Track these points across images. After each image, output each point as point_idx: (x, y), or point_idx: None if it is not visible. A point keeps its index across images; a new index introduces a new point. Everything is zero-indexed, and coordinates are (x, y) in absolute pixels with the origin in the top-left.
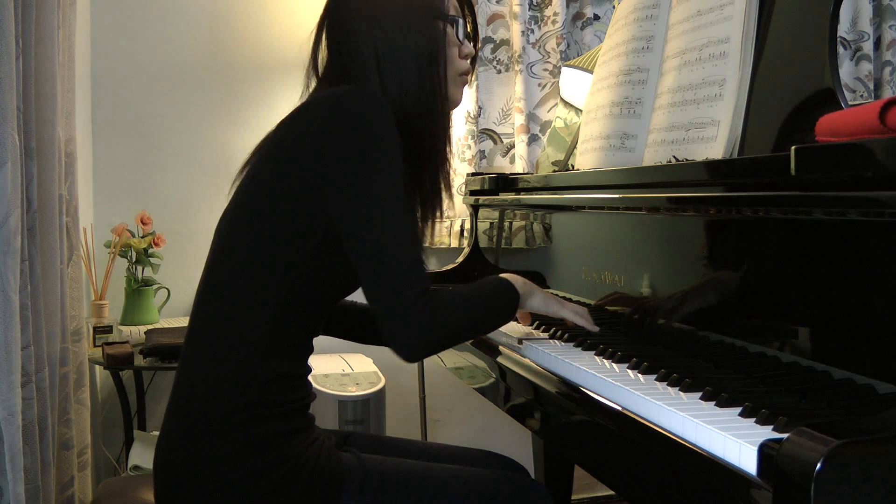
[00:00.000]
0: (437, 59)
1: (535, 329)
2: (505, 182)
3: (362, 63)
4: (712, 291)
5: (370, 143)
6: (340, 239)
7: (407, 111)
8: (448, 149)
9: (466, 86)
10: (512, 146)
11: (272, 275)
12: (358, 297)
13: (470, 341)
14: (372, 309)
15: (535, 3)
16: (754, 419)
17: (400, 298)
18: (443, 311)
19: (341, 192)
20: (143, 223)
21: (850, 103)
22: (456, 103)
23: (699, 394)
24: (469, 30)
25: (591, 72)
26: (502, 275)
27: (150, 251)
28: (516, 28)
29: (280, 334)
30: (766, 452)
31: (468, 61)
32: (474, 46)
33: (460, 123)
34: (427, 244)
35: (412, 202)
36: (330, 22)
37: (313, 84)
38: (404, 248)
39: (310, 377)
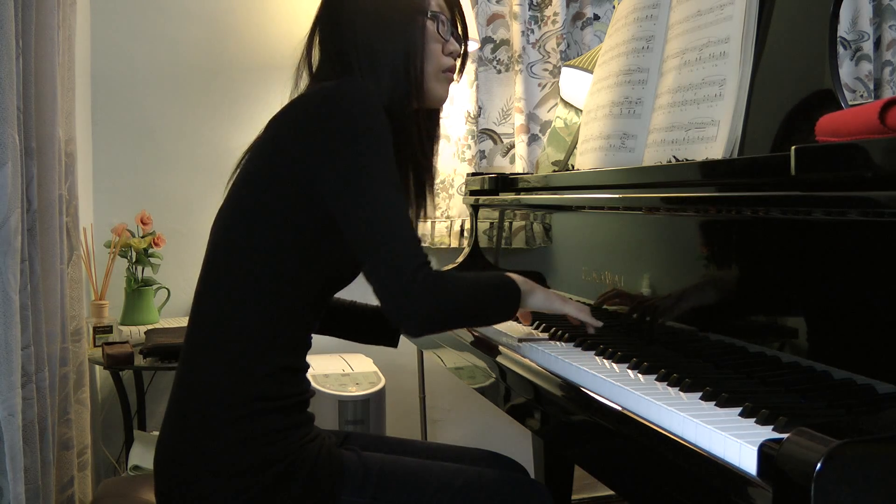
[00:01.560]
0: (413, 54)
1: (535, 329)
2: (505, 182)
3: (347, 62)
4: (712, 291)
5: (359, 127)
6: (334, 230)
7: (389, 109)
8: (432, 149)
9: (470, 85)
10: (512, 146)
11: (268, 269)
12: (354, 294)
13: (469, 339)
14: (373, 286)
15: (535, 3)
16: (754, 419)
17: (400, 271)
18: (444, 285)
19: (334, 177)
20: (143, 223)
21: (850, 103)
22: (440, 100)
23: (699, 394)
24: (458, 29)
25: (591, 72)
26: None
27: (150, 251)
28: (516, 28)
29: (277, 328)
30: (766, 452)
31: (453, 58)
32: (464, 45)
33: (460, 123)
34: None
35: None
36: (322, 21)
37: (305, 82)
38: (401, 224)
39: (310, 377)
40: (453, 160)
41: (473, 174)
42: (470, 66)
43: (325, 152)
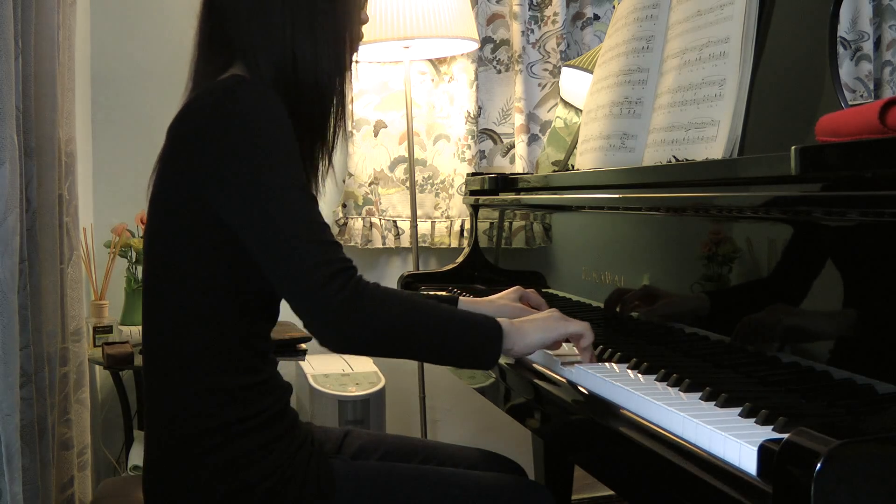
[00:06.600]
0: (353, 24)
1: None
2: (505, 182)
3: (272, 26)
4: (712, 291)
5: (250, 137)
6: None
7: (315, 75)
8: (342, 118)
9: (470, 85)
10: (512, 146)
11: (200, 292)
12: None
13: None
14: (289, 304)
15: (535, 3)
16: (754, 419)
17: (308, 280)
18: (369, 297)
19: (227, 191)
20: (143, 223)
21: (850, 103)
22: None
23: (699, 394)
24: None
25: (591, 72)
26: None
27: None
28: (516, 28)
29: (230, 349)
30: (766, 452)
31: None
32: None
33: (460, 123)
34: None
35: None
36: None
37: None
38: (308, 230)
39: (309, 377)
40: (453, 160)
41: (473, 174)
42: (470, 66)
43: (221, 168)
